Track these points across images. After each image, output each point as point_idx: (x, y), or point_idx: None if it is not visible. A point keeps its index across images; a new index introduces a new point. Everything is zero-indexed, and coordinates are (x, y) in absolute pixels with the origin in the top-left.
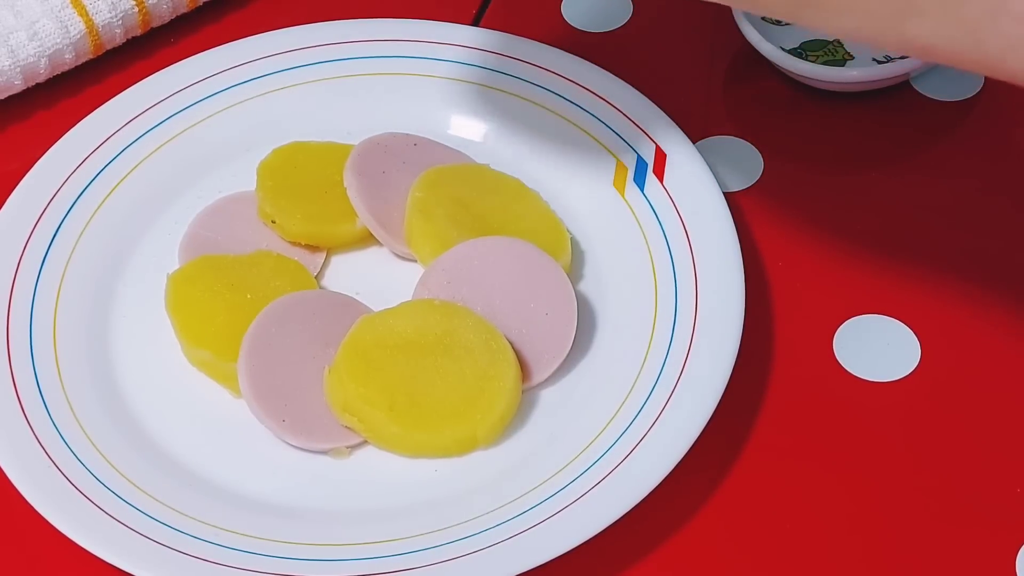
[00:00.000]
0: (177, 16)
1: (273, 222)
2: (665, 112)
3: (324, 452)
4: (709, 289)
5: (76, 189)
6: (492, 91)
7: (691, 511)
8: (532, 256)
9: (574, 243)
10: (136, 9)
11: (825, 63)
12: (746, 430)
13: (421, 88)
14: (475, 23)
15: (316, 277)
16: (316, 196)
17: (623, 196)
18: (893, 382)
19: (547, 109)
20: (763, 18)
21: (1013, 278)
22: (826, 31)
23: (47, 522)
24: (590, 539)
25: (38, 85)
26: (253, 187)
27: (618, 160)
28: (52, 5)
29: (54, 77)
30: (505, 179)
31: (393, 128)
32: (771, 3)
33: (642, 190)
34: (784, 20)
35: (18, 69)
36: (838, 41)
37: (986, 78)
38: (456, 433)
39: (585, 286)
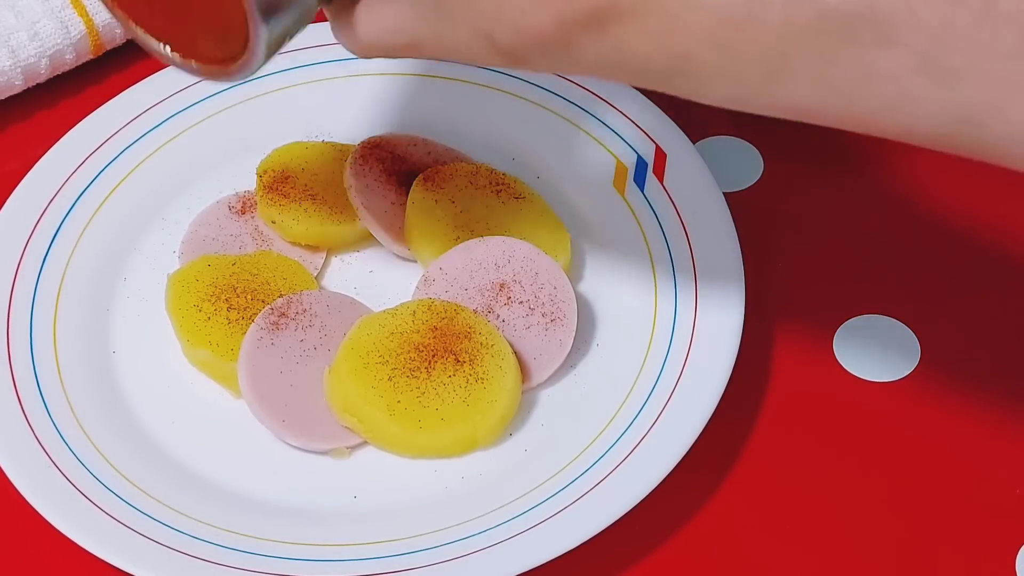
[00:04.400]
0: None
1: (273, 222)
2: (665, 112)
3: (324, 452)
4: (709, 289)
5: (76, 189)
6: (492, 91)
7: (691, 511)
8: (532, 256)
9: (574, 243)
10: None
11: None
12: (746, 430)
13: (421, 88)
14: None
15: (316, 277)
16: (316, 196)
17: (623, 196)
18: (893, 382)
19: (547, 109)
20: None
21: (1013, 278)
22: (699, 99)
23: (47, 522)
24: (590, 539)
25: (38, 85)
26: (253, 187)
27: (618, 160)
28: (53, 5)
29: (54, 77)
30: (505, 179)
31: (393, 128)
32: (642, 75)
33: (642, 190)
34: (657, 89)
35: (19, 69)
36: None
37: None
38: (456, 433)
39: (585, 286)
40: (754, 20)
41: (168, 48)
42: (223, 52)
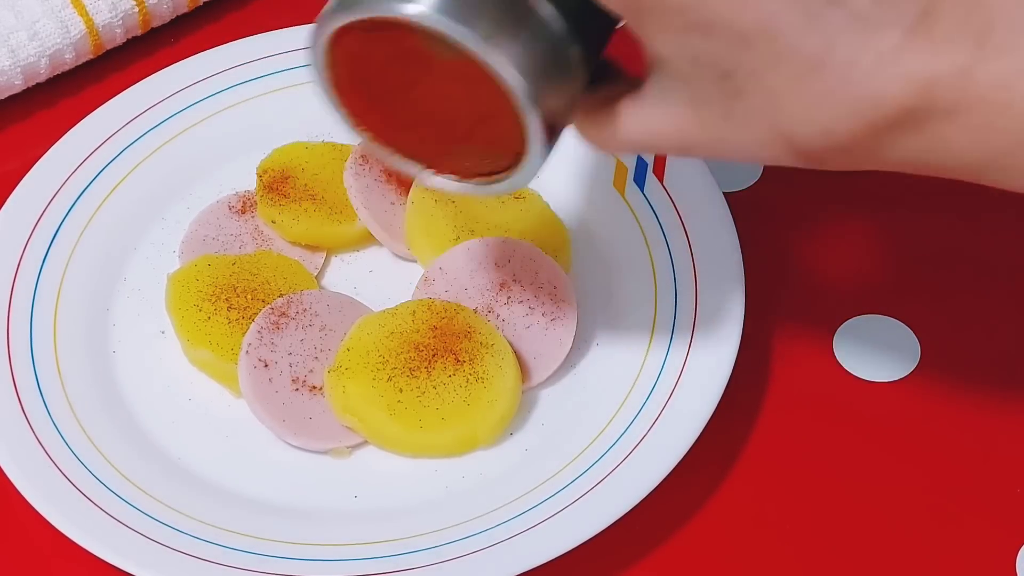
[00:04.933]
0: (177, 16)
1: (273, 222)
2: None
3: (324, 452)
4: (709, 289)
5: (76, 189)
6: None
7: (691, 511)
8: (532, 256)
9: (574, 243)
10: (136, 9)
11: None
12: (746, 430)
13: None
14: None
15: (316, 277)
16: (316, 196)
17: (623, 196)
18: (893, 382)
19: None
20: None
21: (1013, 278)
22: (1012, 189)
23: (47, 522)
24: (590, 539)
25: (38, 85)
26: (253, 187)
27: (618, 160)
28: (52, 5)
29: (54, 77)
30: None
31: None
32: (953, 171)
33: (642, 190)
34: (964, 179)
35: (18, 69)
36: None
37: None
38: (456, 433)
39: (585, 286)
40: None
41: (422, 166)
42: (489, 167)
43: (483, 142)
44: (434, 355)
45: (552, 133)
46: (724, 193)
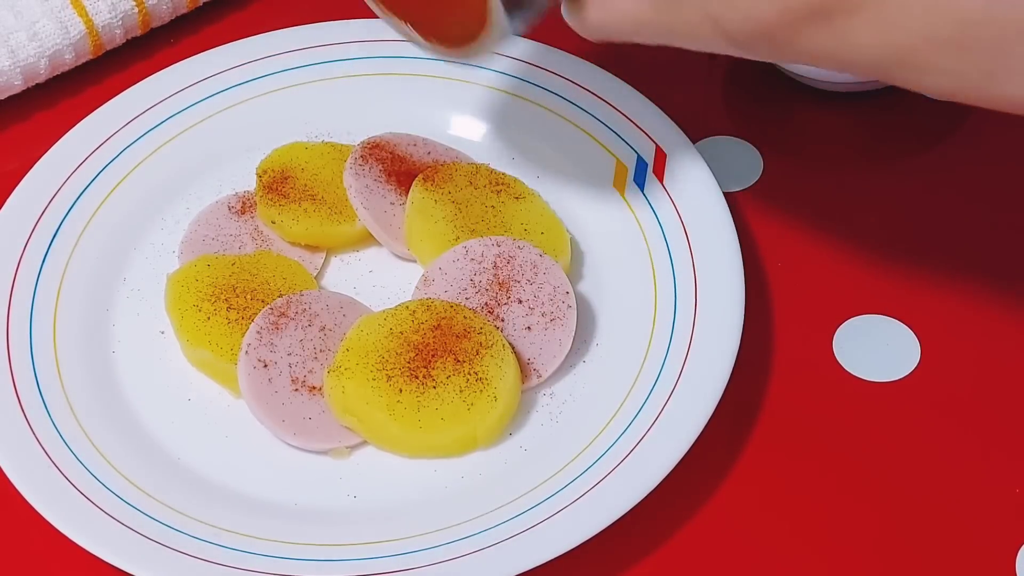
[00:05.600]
0: (177, 16)
1: (273, 222)
2: (665, 112)
3: (324, 452)
4: (709, 289)
5: (76, 189)
6: (492, 91)
7: (691, 511)
8: (532, 256)
9: (574, 243)
10: (136, 9)
11: None
12: (746, 430)
13: (421, 88)
14: None
15: (316, 277)
16: (316, 196)
17: (623, 196)
18: (893, 382)
19: (547, 109)
20: None
21: (1013, 278)
22: (914, 89)
23: (47, 522)
24: (590, 539)
25: (38, 85)
26: (253, 187)
27: (618, 160)
28: (52, 5)
29: (54, 77)
30: (505, 179)
31: (393, 128)
32: (861, 66)
33: (642, 190)
34: (873, 78)
35: (18, 69)
36: None
37: None
38: (456, 433)
39: (585, 286)
40: (991, 21)
41: (411, 28)
42: (464, 34)
43: (460, 11)
44: (434, 355)
45: (517, 6)
46: (724, 193)
